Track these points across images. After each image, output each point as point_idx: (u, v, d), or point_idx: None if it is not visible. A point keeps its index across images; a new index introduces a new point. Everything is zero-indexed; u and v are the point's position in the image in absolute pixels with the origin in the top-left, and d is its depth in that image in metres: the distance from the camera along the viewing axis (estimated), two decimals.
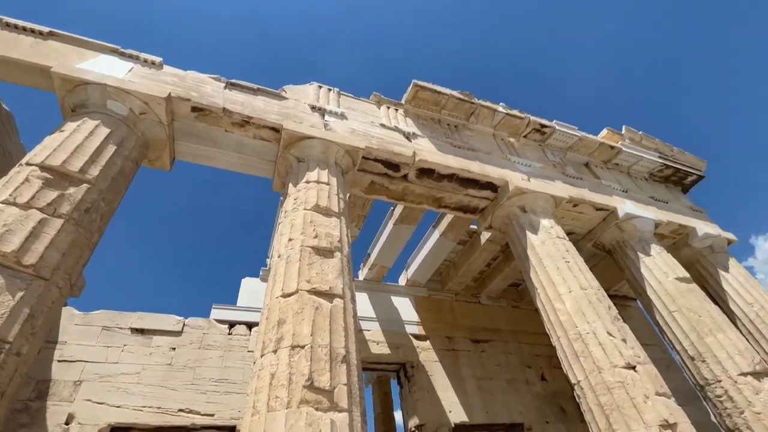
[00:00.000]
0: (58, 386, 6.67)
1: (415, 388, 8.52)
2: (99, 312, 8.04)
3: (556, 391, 9.04)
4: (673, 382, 7.50)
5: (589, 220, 7.32)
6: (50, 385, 6.65)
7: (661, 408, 4.14)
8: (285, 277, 3.88)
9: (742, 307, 7.11)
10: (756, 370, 5.40)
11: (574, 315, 4.97)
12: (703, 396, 5.86)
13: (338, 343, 3.46)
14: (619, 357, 4.47)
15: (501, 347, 9.65)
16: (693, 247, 7.80)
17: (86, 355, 7.21)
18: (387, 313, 9.45)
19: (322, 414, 2.99)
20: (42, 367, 6.73)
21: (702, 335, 5.73)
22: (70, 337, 7.35)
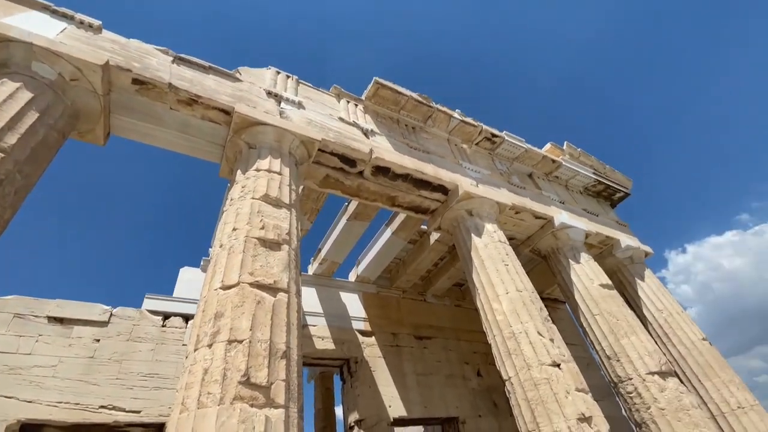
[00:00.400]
0: None
1: (357, 384, 8.58)
2: (11, 297, 7.16)
3: (490, 386, 9.57)
4: (591, 379, 8.27)
5: (528, 227, 7.81)
6: None
7: (579, 403, 4.54)
8: (226, 268, 3.72)
9: (653, 312, 8.00)
10: (662, 370, 6.11)
11: (509, 315, 5.29)
12: (616, 392, 6.51)
13: (279, 339, 3.39)
14: (547, 355, 4.83)
15: (442, 344, 10.01)
16: (616, 257, 8.64)
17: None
18: (334, 309, 9.41)
19: (257, 410, 2.91)
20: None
21: (618, 337, 6.37)
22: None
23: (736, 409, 6.62)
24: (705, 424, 5.63)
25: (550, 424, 4.36)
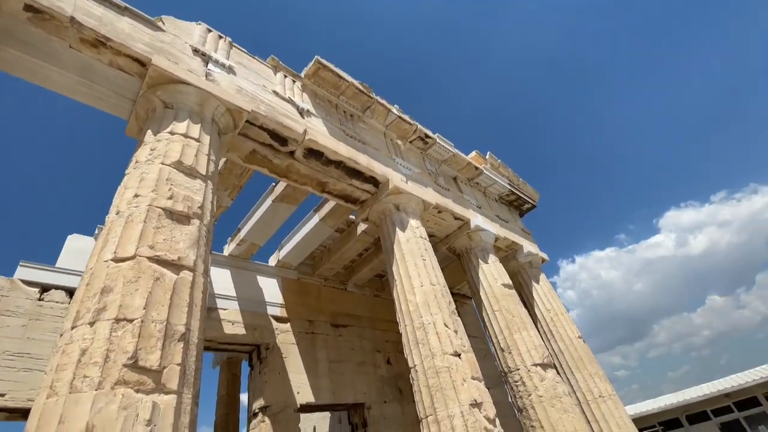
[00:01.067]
0: None
1: (266, 370, 8.33)
2: None
3: (397, 373, 10.01)
4: (486, 368, 9.11)
5: (448, 227, 8.28)
6: None
7: (473, 390, 4.97)
8: (121, 238, 3.30)
9: (543, 312, 9.07)
10: (544, 362, 6.96)
11: (421, 307, 5.56)
12: (505, 380, 7.27)
13: (178, 320, 3.12)
14: (450, 345, 5.19)
15: (357, 332, 10.19)
16: (518, 261, 9.61)
17: None
18: (250, 293, 8.98)
19: (143, 396, 2.65)
20: None
21: (512, 331, 7.11)
22: None
23: (598, 398, 7.84)
24: (572, 410, 6.57)
25: (445, 409, 4.70)
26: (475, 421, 4.63)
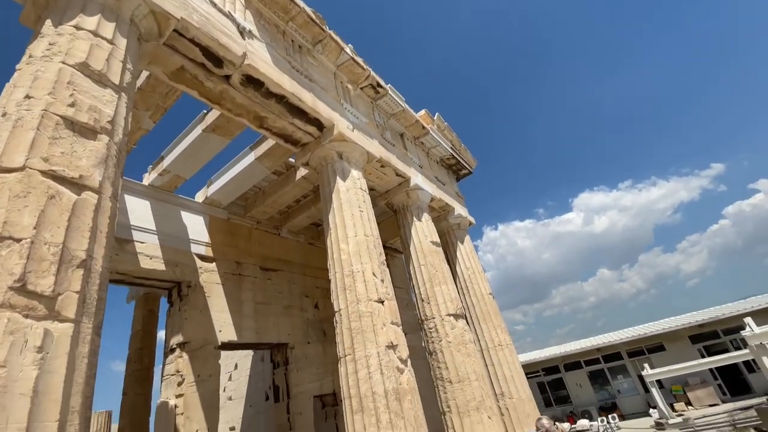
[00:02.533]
0: None
1: (186, 307, 8.05)
2: None
3: (323, 318, 10.36)
4: (406, 316, 9.77)
5: (389, 182, 8.35)
6: None
7: (391, 333, 5.33)
8: (7, 145, 2.78)
9: (463, 270, 9.84)
10: (457, 313, 7.64)
11: (353, 255, 5.67)
12: (421, 327, 7.90)
13: (78, 245, 2.79)
14: (375, 293, 5.44)
15: (287, 277, 10.19)
16: (448, 222, 10.16)
17: None
18: (172, 228, 8.37)
19: (33, 322, 2.40)
20: None
21: (434, 284, 7.64)
22: None
23: (497, 346, 8.92)
24: (475, 355, 7.43)
25: (363, 349, 5.01)
26: (389, 361, 5.02)
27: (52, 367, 2.36)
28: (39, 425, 2.18)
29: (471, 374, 6.89)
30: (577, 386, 16.35)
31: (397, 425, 4.60)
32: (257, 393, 11.57)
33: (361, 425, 4.61)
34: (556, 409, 16.00)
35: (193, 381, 7.49)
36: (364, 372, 4.88)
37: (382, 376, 4.87)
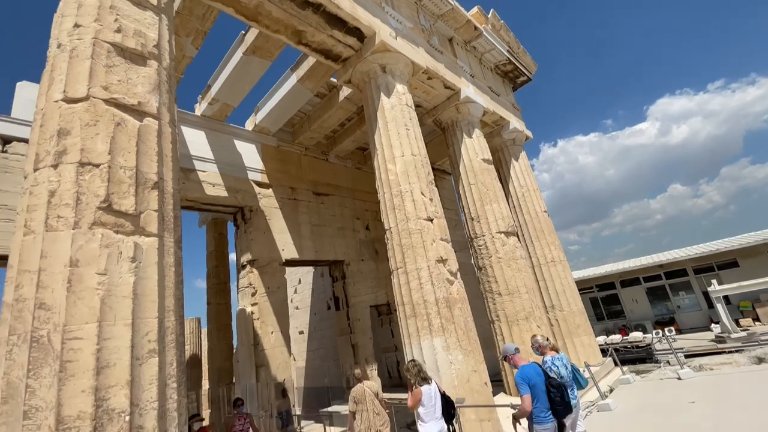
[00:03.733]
0: None
1: (251, 230, 8.79)
2: None
3: (374, 238, 10.85)
4: (455, 236, 9.88)
5: (436, 96, 7.83)
6: None
7: (440, 249, 5.45)
8: (68, 76, 2.93)
9: (516, 188, 9.47)
10: (508, 230, 7.56)
11: (400, 176, 5.64)
12: (471, 245, 7.99)
13: (148, 168, 3.03)
14: (424, 211, 5.47)
15: (338, 201, 10.58)
16: (502, 138, 9.53)
17: None
18: (228, 157, 8.80)
19: (123, 237, 2.74)
20: None
21: (484, 203, 7.50)
22: None
23: (550, 262, 8.87)
24: (525, 270, 7.47)
25: (414, 263, 5.23)
26: (439, 273, 5.22)
27: (145, 274, 2.74)
28: (141, 321, 2.61)
29: (521, 287, 7.02)
30: (632, 301, 16.19)
31: (448, 329, 4.94)
32: (320, 303, 12.94)
33: (414, 328, 5.01)
34: (608, 322, 16.19)
35: (264, 292, 8.48)
36: (415, 283, 5.16)
37: (432, 287, 5.12)
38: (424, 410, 3.52)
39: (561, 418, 3.10)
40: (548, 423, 3.06)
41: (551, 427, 3.05)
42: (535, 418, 3.07)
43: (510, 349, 3.50)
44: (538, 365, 3.33)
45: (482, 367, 5.28)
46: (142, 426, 2.35)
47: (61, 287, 2.40)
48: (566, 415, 3.10)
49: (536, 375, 3.18)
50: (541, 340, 3.72)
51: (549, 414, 3.07)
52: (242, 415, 4.74)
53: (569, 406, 3.10)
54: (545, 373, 3.26)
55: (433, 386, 3.63)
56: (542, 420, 3.06)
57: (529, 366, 3.27)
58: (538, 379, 3.15)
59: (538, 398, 3.08)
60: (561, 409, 3.06)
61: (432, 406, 3.52)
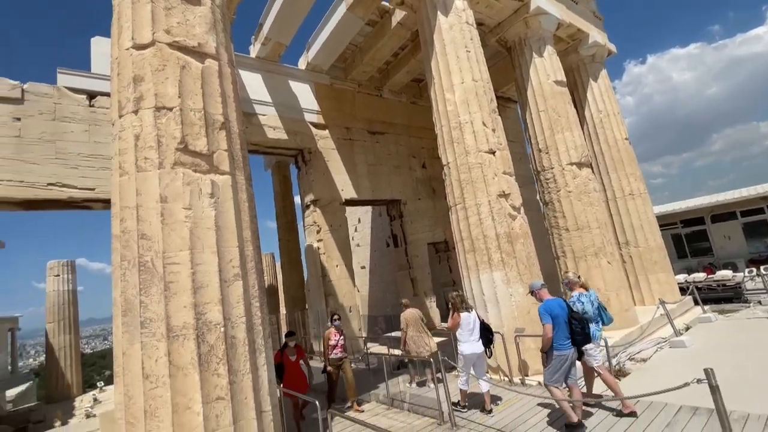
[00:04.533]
0: None
1: (311, 171, 9.11)
2: None
3: (431, 176, 10.66)
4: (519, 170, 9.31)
5: (501, 10, 6.93)
6: None
7: (503, 183, 5.20)
8: (134, 22, 3.04)
9: (593, 113, 8.45)
10: (581, 161, 6.92)
11: (459, 105, 5.28)
12: (536, 179, 7.51)
13: (215, 109, 3.15)
14: (485, 143, 5.16)
15: (394, 139, 10.39)
16: (579, 55, 8.33)
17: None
18: (284, 99, 8.90)
19: (201, 175, 2.96)
20: None
21: (554, 132, 6.84)
22: None
23: (627, 195, 8.09)
24: (598, 204, 6.92)
25: (474, 198, 5.08)
26: (500, 208, 5.04)
27: (223, 208, 2.99)
28: (225, 249, 2.90)
29: (591, 222, 6.57)
30: (724, 238, 14.49)
31: (509, 263, 4.87)
32: (379, 241, 13.45)
33: (473, 262, 5.02)
34: (692, 261, 14.81)
35: (328, 229, 8.98)
36: (474, 219, 5.06)
37: (493, 222, 4.99)
38: (461, 332, 4.05)
39: (579, 347, 3.42)
40: (566, 350, 3.36)
41: (569, 354, 3.36)
42: (555, 345, 3.37)
43: (536, 285, 3.69)
44: (563, 300, 3.53)
45: None
46: (234, 336, 2.74)
47: (156, 220, 2.72)
48: (584, 344, 3.41)
49: (559, 308, 3.42)
50: (572, 277, 3.92)
51: (568, 342, 3.36)
52: (339, 330, 4.93)
53: (588, 337, 3.38)
54: (569, 307, 3.47)
55: (473, 314, 4.10)
56: (561, 347, 3.35)
57: (553, 300, 3.51)
58: (560, 311, 3.40)
59: (559, 328, 3.35)
60: (580, 339, 3.35)
61: (470, 330, 4.02)
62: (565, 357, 3.35)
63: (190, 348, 2.54)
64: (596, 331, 3.54)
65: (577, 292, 3.83)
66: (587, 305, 3.69)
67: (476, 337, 4.02)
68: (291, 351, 4.64)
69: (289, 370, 4.49)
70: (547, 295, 3.56)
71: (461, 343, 4.06)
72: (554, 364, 3.37)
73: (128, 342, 2.56)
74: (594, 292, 3.86)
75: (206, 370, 2.55)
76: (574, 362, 3.40)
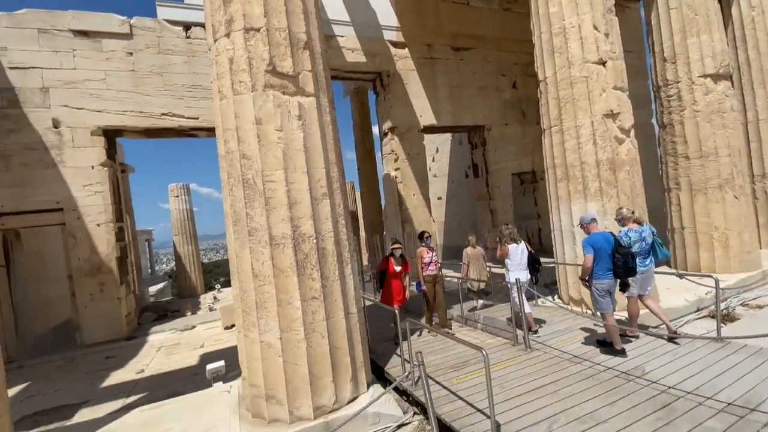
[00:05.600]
0: (24, 93, 6.53)
1: (390, 96, 8.84)
2: (24, 12, 6.81)
3: (522, 97, 9.62)
4: (635, 88, 7.91)
5: None
6: (16, 93, 6.50)
7: (612, 100, 4.46)
8: None
9: (743, 10, 6.54)
10: (718, 72, 5.57)
11: (565, 5, 4.45)
12: (655, 97, 6.31)
13: (298, 28, 3.10)
14: (595, 52, 4.37)
15: (481, 55, 9.39)
16: None
17: (38, 62, 6.69)
18: (363, 17, 8.44)
19: (288, 97, 3.04)
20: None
21: (687, 35, 5.50)
22: (8, 42, 6.57)
23: None
24: (733, 127, 5.66)
25: (573, 119, 4.49)
26: (605, 131, 4.41)
27: (310, 130, 3.08)
28: (313, 169, 3.05)
29: (721, 149, 5.47)
30: None
31: (608, 193, 4.39)
32: (457, 171, 13.05)
33: (565, 192, 4.63)
34: None
35: (405, 158, 8.91)
36: (572, 143, 4.53)
37: (594, 147, 4.43)
38: (510, 262, 4.34)
39: (619, 279, 3.55)
40: (605, 280, 3.54)
41: (607, 283, 3.54)
42: (595, 275, 3.57)
43: (587, 219, 3.79)
44: (611, 235, 3.63)
45: None
46: (324, 248, 3.00)
47: (254, 141, 2.92)
48: (626, 277, 3.53)
49: (604, 241, 3.56)
50: (626, 212, 3.90)
51: (608, 273, 3.52)
52: (430, 247, 4.80)
53: (631, 270, 3.48)
54: (617, 242, 3.56)
55: (521, 245, 4.38)
56: (600, 277, 3.55)
57: (600, 234, 3.63)
58: (605, 244, 3.53)
59: (601, 259, 3.52)
60: (620, 272, 3.48)
61: (518, 260, 4.30)
62: (603, 286, 3.55)
63: (289, 255, 2.86)
64: (641, 266, 3.70)
65: (627, 227, 3.85)
66: (633, 239, 3.76)
67: (524, 266, 4.31)
68: (397, 261, 4.54)
69: (390, 280, 4.46)
70: (596, 228, 3.71)
71: (509, 272, 4.36)
72: (595, 292, 3.61)
73: (240, 247, 2.96)
74: (649, 227, 3.89)
75: (302, 274, 2.88)
76: (613, 291, 3.59)
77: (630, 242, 3.71)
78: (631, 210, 3.96)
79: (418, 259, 4.72)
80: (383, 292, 4.40)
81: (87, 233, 6.60)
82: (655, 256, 3.82)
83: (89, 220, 6.63)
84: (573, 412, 2.59)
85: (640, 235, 3.76)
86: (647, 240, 3.79)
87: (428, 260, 4.70)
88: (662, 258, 3.85)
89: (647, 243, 3.79)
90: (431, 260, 4.72)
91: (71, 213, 6.55)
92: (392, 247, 4.65)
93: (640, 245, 3.74)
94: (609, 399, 2.72)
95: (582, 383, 3.02)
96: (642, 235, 3.76)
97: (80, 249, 6.56)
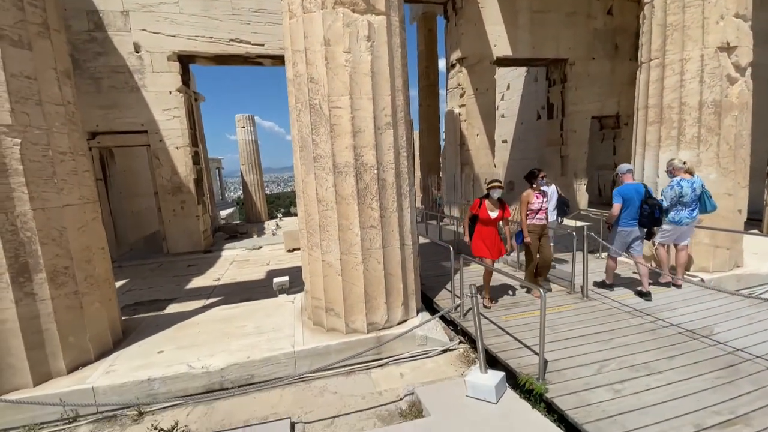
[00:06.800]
0: (108, 16, 6.89)
1: (462, 22, 8.05)
2: None
3: (617, 27, 8.27)
4: (759, 21, 6.42)
5: None
6: (101, 16, 6.87)
7: (729, 30, 3.68)
8: None
9: None
10: None
11: None
12: None
13: None
14: None
15: None
16: None
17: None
18: None
19: (358, 16, 2.89)
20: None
21: None
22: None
23: None
24: None
25: (680, 50, 3.81)
26: (716, 66, 3.72)
27: (378, 53, 2.94)
28: (379, 97, 2.96)
29: None
30: None
31: (707, 141, 3.83)
32: (529, 112, 12.00)
33: (654, 137, 4.10)
34: None
35: (472, 94, 8.33)
36: (674, 79, 3.89)
37: (700, 85, 3.79)
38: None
39: (645, 228, 3.73)
40: (628, 227, 3.75)
41: (630, 230, 3.75)
42: (620, 221, 3.79)
43: (623, 169, 3.86)
44: (642, 186, 3.75)
45: (742, 193, 4.14)
46: (385, 179, 3.03)
47: (321, 64, 2.88)
48: (651, 227, 3.72)
49: (634, 191, 3.69)
50: (677, 163, 3.87)
51: (633, 222, 3.72)
52: (541, 191, 3.92)
53: (657, 221, 3.65)
54: (648, 193, 3.69)
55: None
56: (624, 224, 3.76)
57: (631, 184, 3.74)
58: (635, 194, 3.68)
59: (628, 208, 3.71)
60: (645, 222, 3.66)
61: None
62: (626, 233, 3.77)
63: (351, 183, 2.93)
64: (684, 217, 3.83)
65: (678, 177, 3.84)
66: (686, 189, 3.77)
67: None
68: (493, 204, 3.65)
69: (482, 227, 3.66)
70: (629, 180, 3.80)
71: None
72: (616, 237, 3.84)
73: (305, 172, 3.08)
74: (699, 178, 3.86)
75: (363, 203, 2.96)
76: (638, 239, 3.79)
77: (682, 191, 3.77)
78: (683, 161, 3.93)
79: (523, 205, 3.87)
80: (473, 242, 3.68)
81: (168, 155, 7.25)
82: (704, 208, 3.87)
83: (169, 143, 7.24)
84: (625, 360, 2.55)
85: (692, 185, 3.79)
86: (697, 191, 3.82)
87: (537, 206, 3.85)
88: (711, 210, 3.90)
89: (696, 194, 3.82)
90: (540, 207, 3.87)
91: (154, 135, 7.17)
92: (488, 186, 3.72)
93: (691, 196, 3.80)
94: (667, 353, 2.63)
95: (639, 335, 2.93)
96: (693, 186, 3.80)
97: (163, 169, 7.27)
